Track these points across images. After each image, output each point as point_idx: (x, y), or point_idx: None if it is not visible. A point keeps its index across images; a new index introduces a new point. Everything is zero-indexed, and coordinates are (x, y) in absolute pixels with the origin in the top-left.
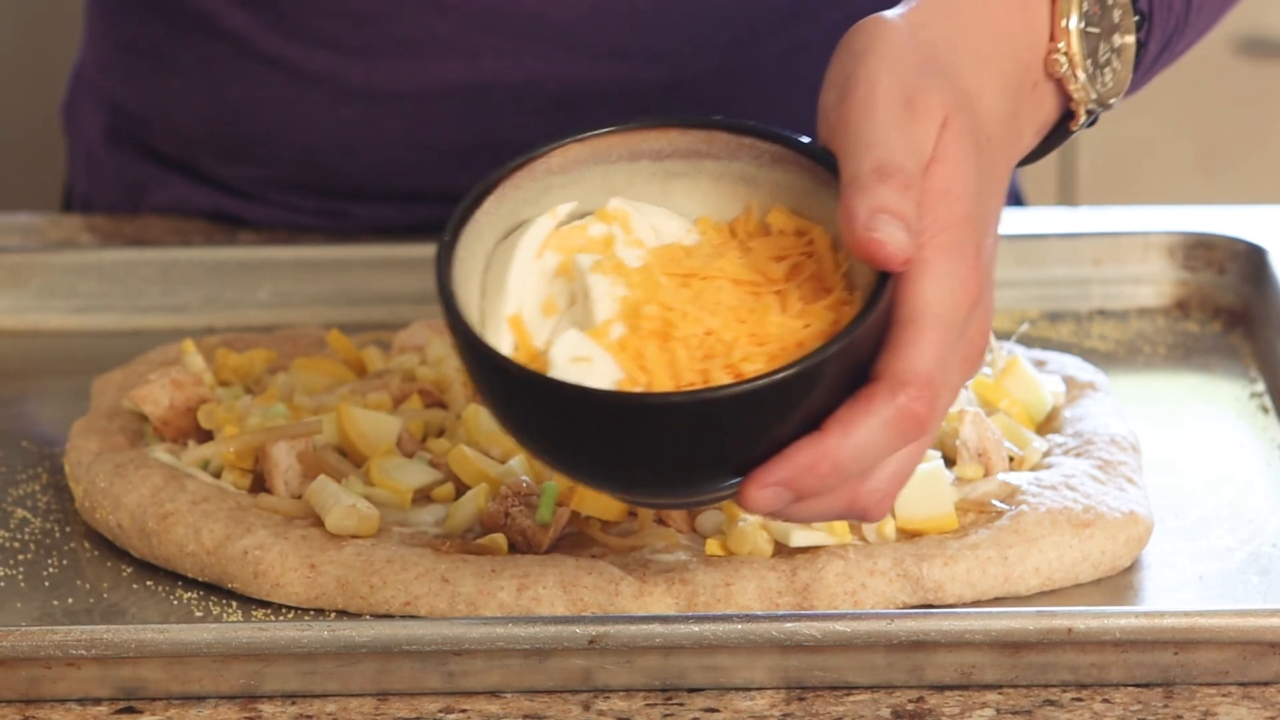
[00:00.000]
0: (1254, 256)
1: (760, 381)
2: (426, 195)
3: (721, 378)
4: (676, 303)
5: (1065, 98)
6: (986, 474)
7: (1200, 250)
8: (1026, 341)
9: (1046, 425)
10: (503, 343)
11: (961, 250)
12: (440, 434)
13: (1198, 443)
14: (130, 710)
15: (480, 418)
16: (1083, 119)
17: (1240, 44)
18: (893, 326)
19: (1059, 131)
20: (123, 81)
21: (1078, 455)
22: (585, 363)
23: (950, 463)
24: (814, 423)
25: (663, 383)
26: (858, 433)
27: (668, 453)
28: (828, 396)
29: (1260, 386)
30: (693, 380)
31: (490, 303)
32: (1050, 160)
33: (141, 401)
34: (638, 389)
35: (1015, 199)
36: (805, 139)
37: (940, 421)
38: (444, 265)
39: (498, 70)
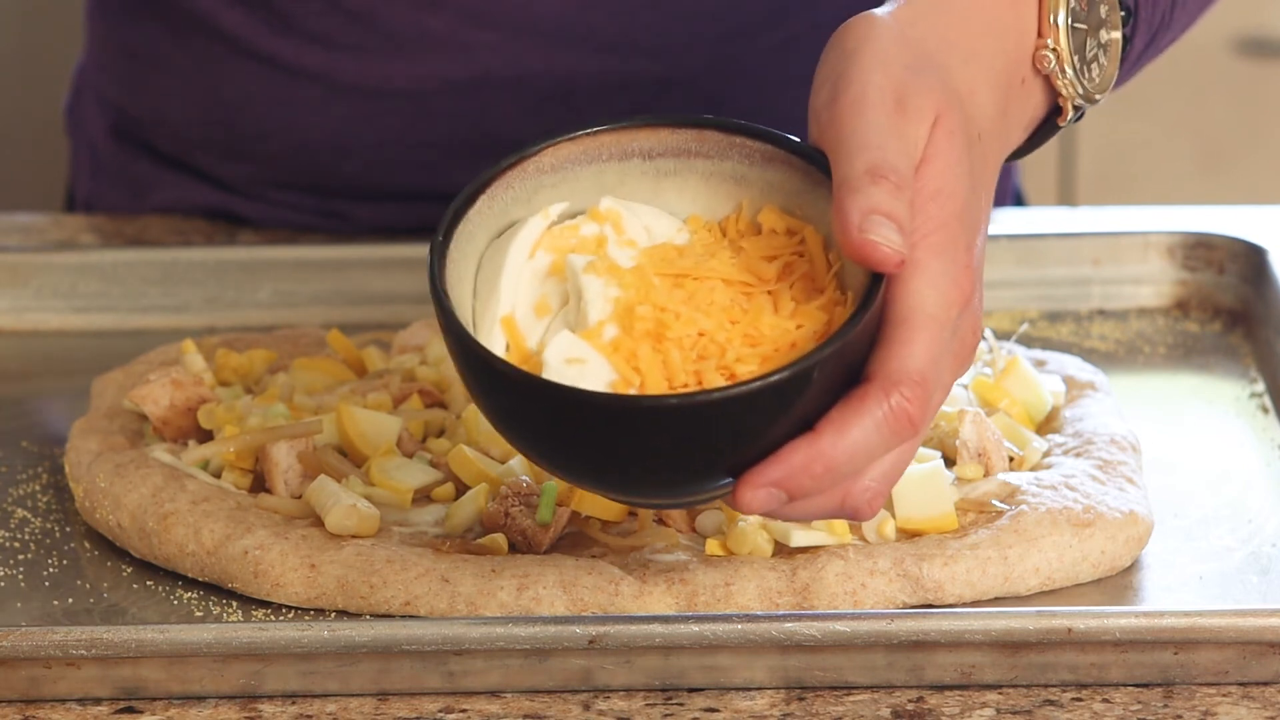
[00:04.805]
0: (1254, 256)
1: (755, 384)
2: (422, 193)
3: (715, 379)
4: (670, 304)
5: (1053, 93)
6: (986, 474)
7: (1200, 250)
8: (1026, 341)
9: (1046, 425)
10: (495, 343)
11: (954, 250)
12: (440, 434)
13: (1198, 443)
14: (130, 710)
15: (480, 418)
16: (1070, 114)
17: (1240, 44)
18: (885, 326)
19: (1047, 127)
20: (120, 82)
21: (1078, 455)
22: (579, 364)
23: (950, 463)
24: (807, 423)
25: (656, 384)
26: (851, 433)
27: (662, 454)
28: (821, 397)
29: (1260, 386)
30: (686, 382)
31: (482, 303)
32: (1050, 160)
33: (141, 401)
34: (631, 390)
35: (1016, 199)
36: (796, 139)
37: (932, 420)
38: (437, 266)
39: (490, 65)
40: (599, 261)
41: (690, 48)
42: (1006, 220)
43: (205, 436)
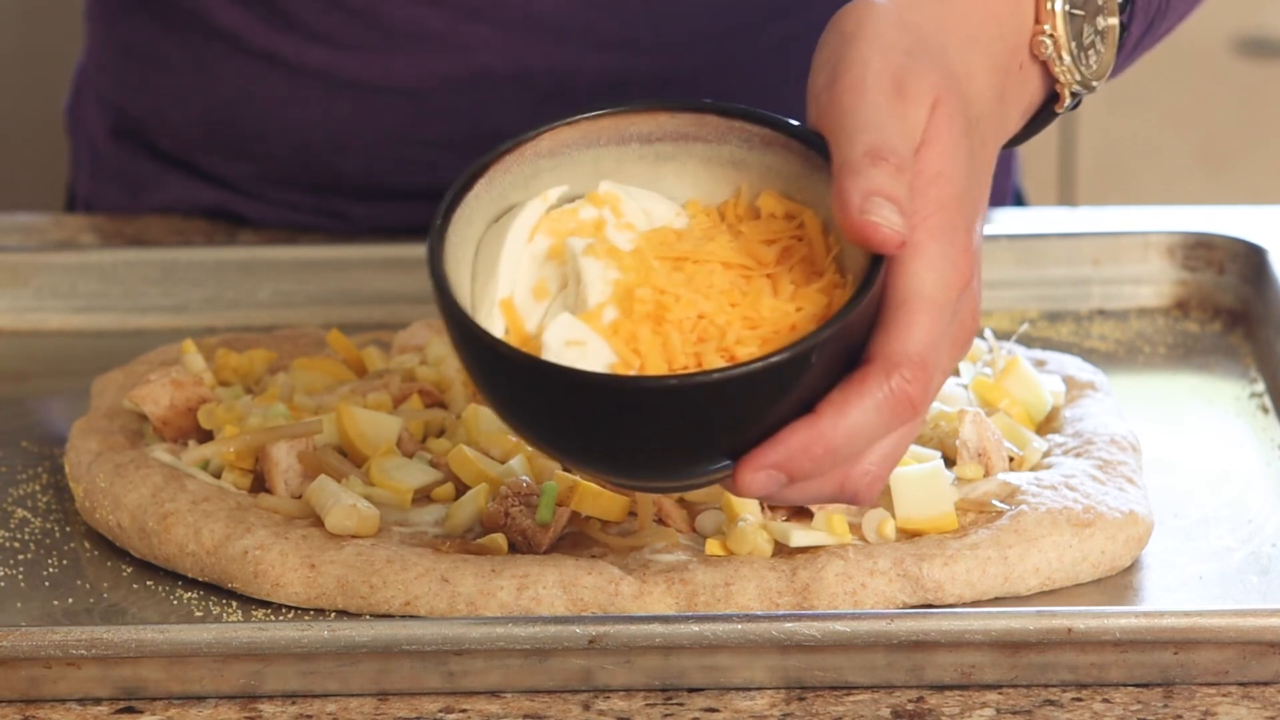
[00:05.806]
0: (1254, 256)
1: (755, 365)
2: (422, 192)
3: (715, 361)
4: (669, 286)
5: (1050, 80)
6: (986, 474)
7: (1200, 250)
8: (1026, 341)
9: (1046, 425)
10: (494, 327)
11: (953, 232)
12: (440, 434)
13: (1198, 443)
14: (130, 710)
15: (480, 418)
16: (1067, 101)
17: (1240, 44)
18: (885, 309)
19: (1044, 113)
20: (120, 82)
21: (1078, 455)
22: (579, 346)
23: (950, 463)
24: (807, 405)
25: (656, 366)
26: (851, 415)
27: (662, 436)
28: (821, 379)
29: (1260, 386)
30: (686, 364)
31: (481, 287)
32: (1050, 159)
33: (141, 401)
34: (631, 372)
35: (1016, 199)
36: (794, 122)
37: (931, 403)
38: (436, 250)
39: (490, 62)
40: (598, 244)
41: (690, 46)
42: (1006, 220)
43: (205, 436)
